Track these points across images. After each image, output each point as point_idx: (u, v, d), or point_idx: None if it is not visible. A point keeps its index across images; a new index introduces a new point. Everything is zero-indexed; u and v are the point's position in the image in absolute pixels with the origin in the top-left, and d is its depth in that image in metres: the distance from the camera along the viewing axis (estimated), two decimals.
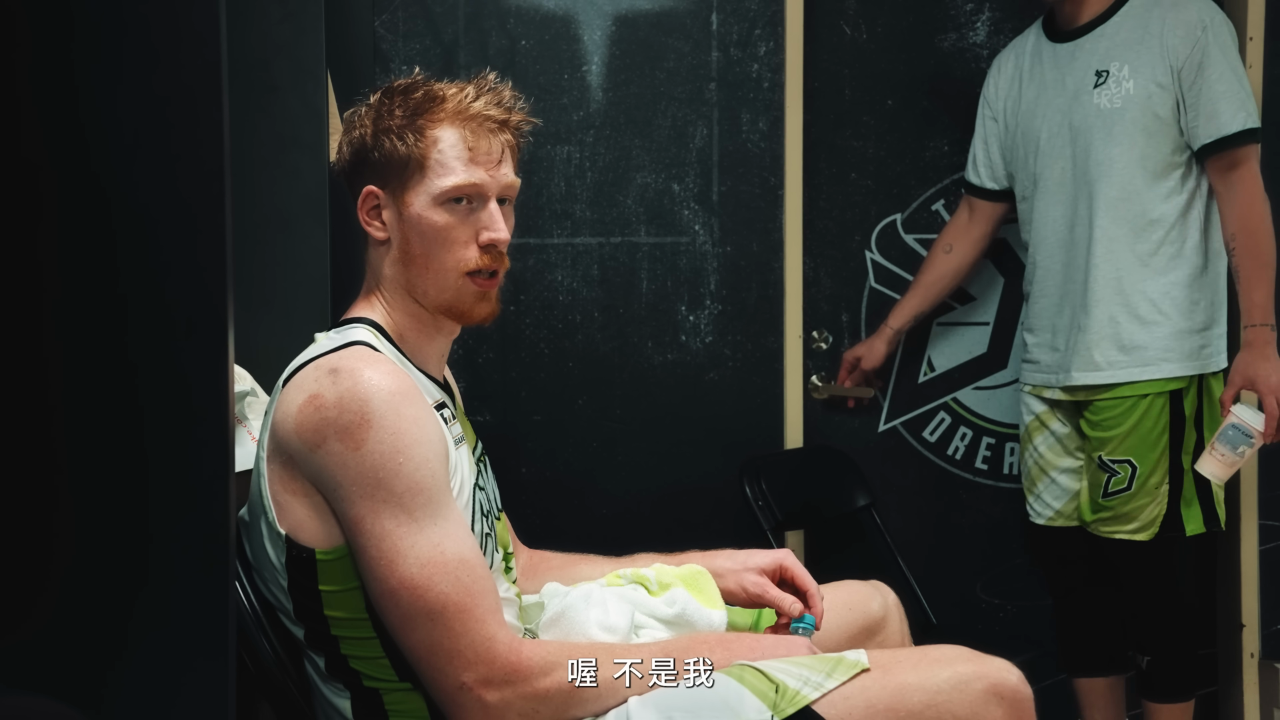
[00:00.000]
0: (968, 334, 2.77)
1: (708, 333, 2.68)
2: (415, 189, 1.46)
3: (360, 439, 1.33)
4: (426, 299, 1.49)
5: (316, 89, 1.86)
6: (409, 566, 1.33)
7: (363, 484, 1.33)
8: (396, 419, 1.34)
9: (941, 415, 2.78)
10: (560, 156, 2.64)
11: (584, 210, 2.65)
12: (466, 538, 1.37)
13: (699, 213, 2.67)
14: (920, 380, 2.78)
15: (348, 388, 1.34)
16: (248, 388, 1.76)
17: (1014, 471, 2.77)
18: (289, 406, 1.38)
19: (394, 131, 1.46)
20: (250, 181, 1.78)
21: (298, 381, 1.39)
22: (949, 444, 2.78)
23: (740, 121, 2.66)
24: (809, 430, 2.69)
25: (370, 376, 1.35)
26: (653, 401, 2.67)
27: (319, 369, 1.38)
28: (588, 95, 2.64)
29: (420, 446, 1.35)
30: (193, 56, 1.16)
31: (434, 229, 1.46)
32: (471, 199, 1.47)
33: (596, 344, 2.67)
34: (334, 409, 1.34)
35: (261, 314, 1.84)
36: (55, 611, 1.16)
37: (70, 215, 1.17)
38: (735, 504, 2.49)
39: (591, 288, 2.66)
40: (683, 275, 2.67)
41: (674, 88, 2.65)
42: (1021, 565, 2.74)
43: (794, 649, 1.45)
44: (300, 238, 1.86)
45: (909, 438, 2.78)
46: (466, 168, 1.46)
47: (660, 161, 2.65)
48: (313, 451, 1.35)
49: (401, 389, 1.36)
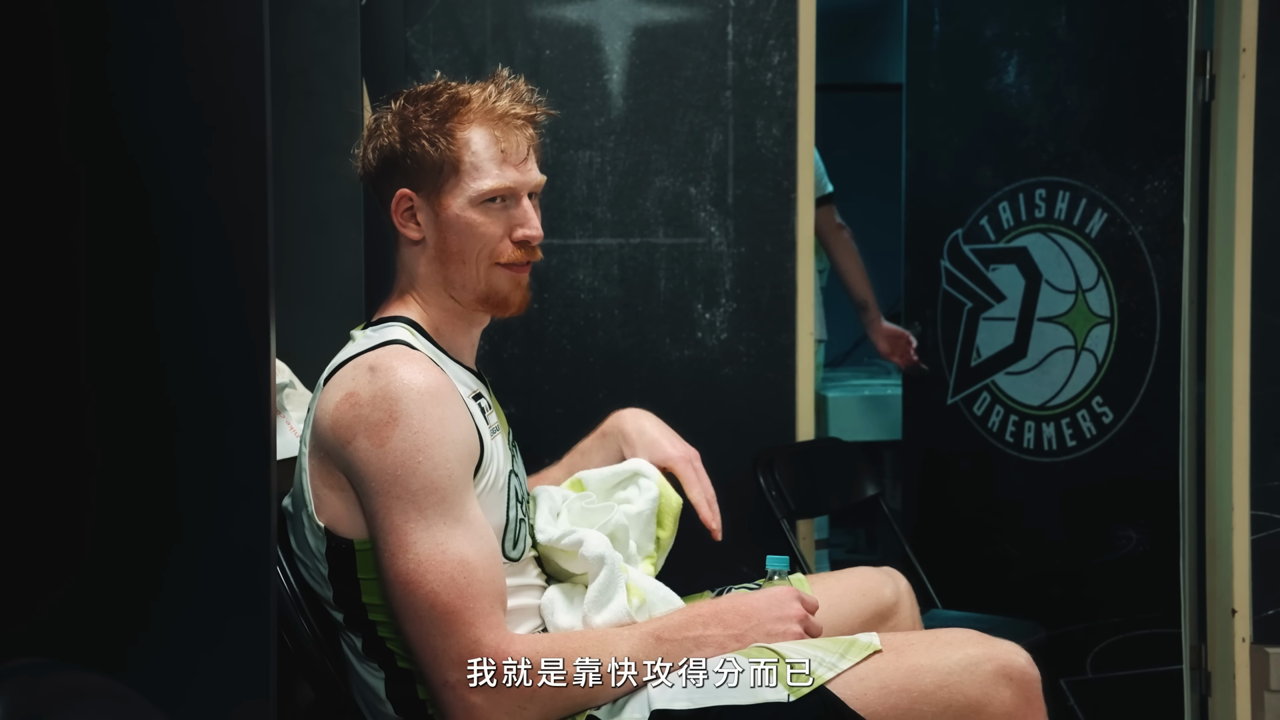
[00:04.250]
0: (1001, 328, 2.95)
1: (723, 330, 2.69)
2: (450, 191, 1.45)
3: (385, 436, 1.33)
4: (465, 292, 1.49)
5: (352, 96, 1.87)
6: (408, 561, 1.32)
7: (382, 479, 1.34)
8: (422, 418, 1.34)
9: (985, 395, 3.00)
10: (582, 161, 2.65)
11: (605, 212, 2.66)
12: (477, 539, 1.36)
13: (715, 215, 2.68)
14: (972, 364, 3.03)
15: (381, 386, 1.35)
16: (286, 380, 1.78)
17: (1030, 445, 2.91)
18: (328, 404, 1.38)
19: (424, 136, 1.45)
20: (288, 183, 1.78)
21: (337, 380, 1.40)
22: (989, 418, 2.99)
23: (755, 128, 2.66)
24: (825, 420, 2.68)
25: (404, 375, 1.35)
26: (670, 396, 2.67)
27: (358, 367, 1.39)
28: (609, 102, 2.64)
29: (441, 447, 1.34)
30: (237, 63, 1.16)
31: (471, 227, 1.45)
32: (505, 198, 1.46)
33: (616, 340, 2.67)
34: (367, 406, 1.34)
35: (299, 310, 1.85)
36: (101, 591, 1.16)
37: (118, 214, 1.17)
38: (750, 495, 2.49)
39: (612, 286, 2.67)
40: (699, 275, 2.67)
41: (691, 95, 2.65)
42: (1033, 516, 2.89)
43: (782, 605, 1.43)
44: (336, 237, 1.87)
45: (964, 411, 3.03)
46: (500, 169, 1.45)
47: (678, 166, 2.66)
48: (344, 447, 1.36)
49: (432, 388, 1.36)
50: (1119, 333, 2.75)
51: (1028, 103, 2.88)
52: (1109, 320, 2.77)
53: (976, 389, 2.97)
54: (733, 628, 1.39)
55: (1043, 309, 2.86)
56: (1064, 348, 2.84)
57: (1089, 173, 2.79)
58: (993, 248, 2.93)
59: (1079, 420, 2.82)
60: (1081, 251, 2.80)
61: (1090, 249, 2.79)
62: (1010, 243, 2.90)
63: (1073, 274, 2.83)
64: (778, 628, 1.40)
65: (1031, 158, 2.87)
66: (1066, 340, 2.84)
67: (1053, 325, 2.86)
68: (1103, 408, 2.78)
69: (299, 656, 1.46)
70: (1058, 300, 2.85)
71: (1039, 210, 2.86)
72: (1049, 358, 2.86)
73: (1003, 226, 2.92)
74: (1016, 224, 2.89)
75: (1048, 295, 2.85)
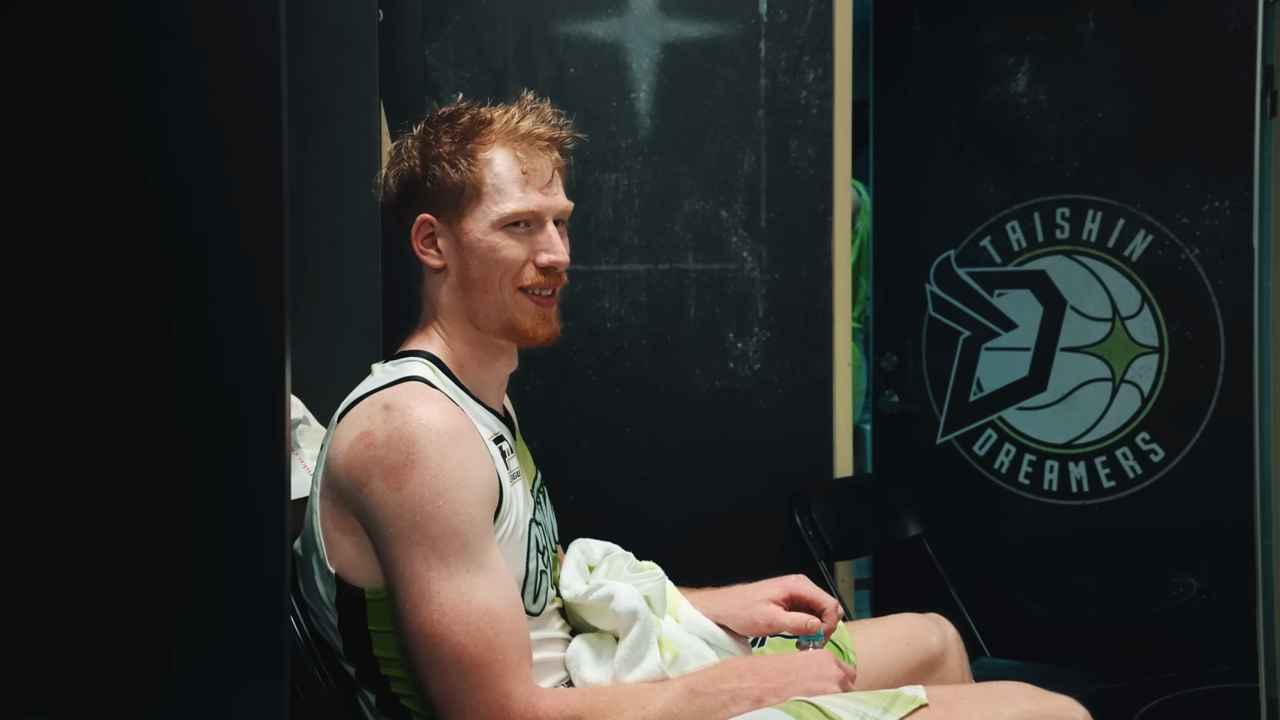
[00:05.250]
0: (1011, 359, 2.86)
1: (756, 360, 2.67)
2: (472, 215, 1.45)
3: (403, 479, 1.32)
4: (488, 322, 1.47)
5: (370, 117, 1.87)
6: (431, 612, 1.31)
7: (400, 524, 1.32)
8: (441, 461, 1.32)
9: (989, 432, 2.90)
10: (608, 183, 2.64)
11: (632, 237, 2.66)
12: (501, 588, 1.35)
13: (747, 239, 2.66)
14: (971, 399, 2.90)
15: (397, 426, 1.33)
16: (300, 415, 1.79)
17: (1053, 487, 2.82)
18: (341, 443, 1.37)
19: (444, 159, 1.45)
20: (304, 208, 1.78)
21: (351, 417, 1.39)
22: (995, 459, 2.89)
23: (788, 148, 2.66)
24: (864, 455, 2.66)
25: (421, 415, 1.34)
26: (700, 429, 2.67)
27: (373, 405, 1.38)
28: (635, 122, 2.64)
29: (461, 490, 1.33)
30: (255, 84, 1.16)
31: (493, 251, 1.45)
32: (529, 222, 1.46)
33: (644, 371, 2.67)
34: (382, 447, 1.33)
35: (314, 341, 1.85)
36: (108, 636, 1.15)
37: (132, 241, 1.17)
38: (784, 533, 2.49)
39: (639, 314, 2.66)
40: (731, 302, 2.66)
41: (722, 115, 2.65)
42: (1063, 574, 2.80)
43: (821, 665, 1.41)
44: (353, 265, 1.86)
45: (961, 451, 2.91)
46: (523, 192, 1.45)
47: (708, 188, 2.66)
48: (359, 489, 1.34)
49: (451, 429, 1.35)
50: (1169, 363, 2.70)
51: (1043, 114, 2.81)
52: (1156, 350, 2.72)
53: (977, 426, 2.89)
54: (770, 681, 1.37)
55: (1068, 338, 2.81)
56: (1097, 380, 2.80)
57: (1127, 191, 2.74)
58: (999, 271, 2.87)
59: (1119, 459, 2.77)
60: (1119, 276, 2.76)
61: (1131, 273, 2.75)
62: (1023, 266, 2.85)
63: (1108, 300, 2.78)
64: (816, 685, 1.38)
65: (1049, 173, 2.81)
66: (1100, 372, 2.79)
67: (1081, 356, 2.81)
68: (1150, 444, 2.73)
69: (311, 707, 1.44)
70: (1087, 329, 2.80)
71: (1061, 231, 2.81)
72: (1077, 391, 2.81)
73: (1012, 248, 2.86)
74: (1031, 245, 2.84)
75: (1074, 323, 2.80)
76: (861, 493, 2.62)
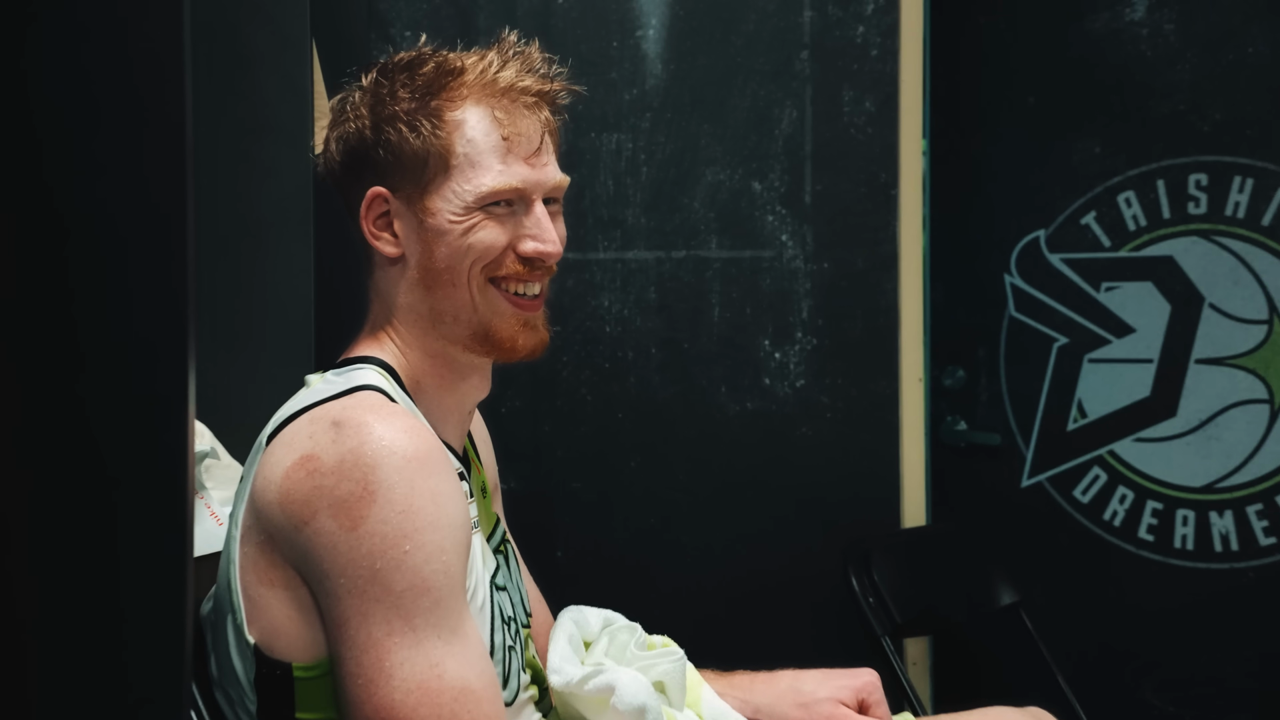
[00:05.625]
0: (1126, 373, 2.81)
1: (799, 375, 2.64)
2: (439, 192, 1.45)
3: (358, 515, 1.31)
4: (456, 327, 1.48)
5: (299, 62, 1.88)
6: (392, 691, 1.30)
7: (354, 575, 1.31)
8: (408, 493, 1.32)
9: (1096, 471, 2.84)
10: (607, 147, 2.63)
11: (638, 216, 2.64)
12: (479, 660, 1.35)
13: (786, 219, 2.64)
14: (1070, 427, 2.81)
15: (352, 448, 1.33)
16: (206, 447, 1.81)
17: (1187, 545, 2.77)
18: (273, 470, 1.36)
19: (402, 119, 1.45)
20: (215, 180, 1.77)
21: (287, 437, 1.38)
22: (1105, 506, 2.83)
23: (841, 101, 2.64)
24: (935, 501, 2.64)
25: (383, 434, 1.33)
26: (727, 464, 2.65)
27: (316, 421, 1.37)
28: (643, 68, 2.62)
29: (434, 532, 1.33)
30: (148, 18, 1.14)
31: (464, 238, 1.44)
32: (512, 202, 1.45)
33: (654, 389, 2.64)
34: (332, 474, 1.32)
35: (226, 351, 1.86)
36: None
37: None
38: (837, 602, 2.46)
39: (647, 316, 2.64)
40: (766, 300, 2.65)
41: (754, 58, 2.63)
42: (1204, 665, 2.73)
43: None
44: (278, 252, 1.87)
45: (1056, 496, 2.84)
46: (503, 163, 1.45)
47: (736, 153, 2.64)
48: (298, 529, 1.33)
49: (421, 453, 1.34)
50: None
51: (1170, 50, 2.80)
52: None
53: (1079, 463, 2.86)
54: None
55: (1206, 346, 2.78)
56: (1248, 402, 2.77)
57: None
58: (1108, 257, 2.84)
59: None
60: (1278, 263, 2.75)
61: None
62: (1141, 250, 2.83)
63: (1262, 295, 2.77)
64: None
65: (1179, 128, 2.80)
66: (1252, 391, 2.77)
67: (1226, 370, 2.78)
68: None
69: None
70: (1233, 334, 2.78)
71: (1195, 204, 2.79)
72: (1219, 417, 2.79)
73: (1126, 227, 2.84)
74: (1153, 223, 2.82)
75: (1215, 326, 2.77)
76: (939, 549, 2.61)
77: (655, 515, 2.66)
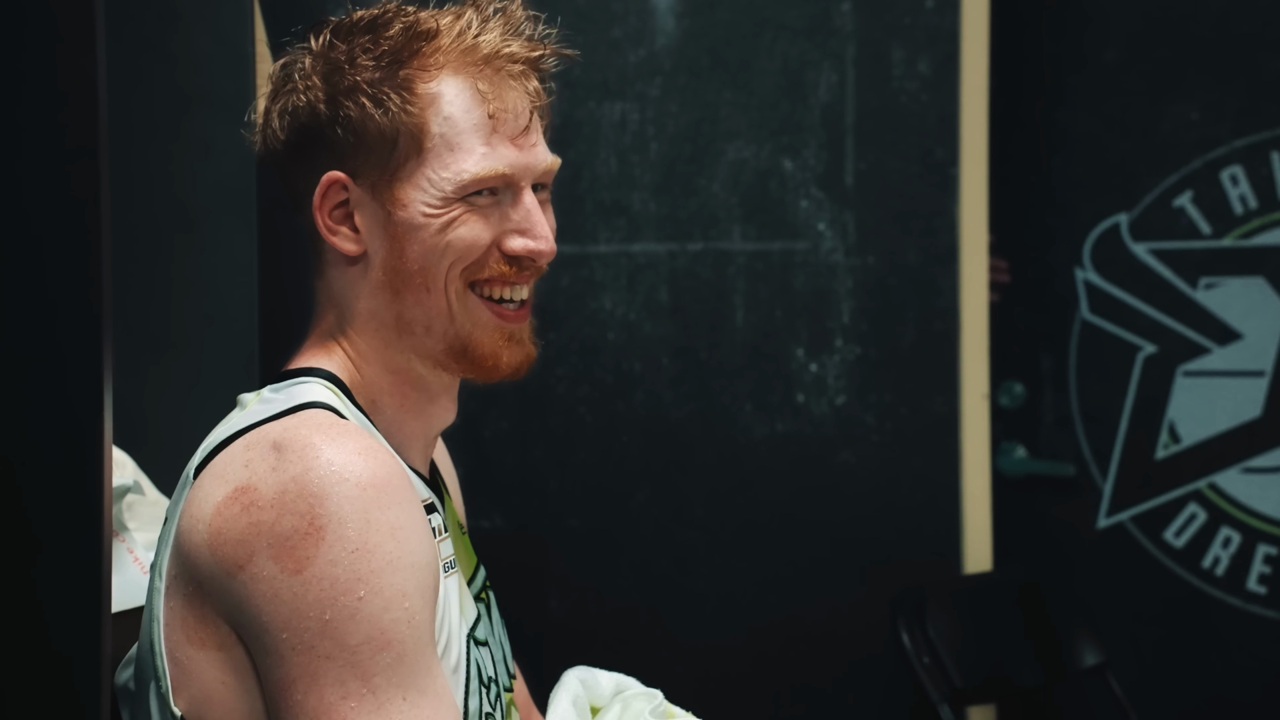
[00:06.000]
0: (1231, 388, 2.81)
1: (838, 390, 2.66)
2: (411, 179, 1.45)
3: (304, 557, 1.30)
4: (427, 339, 1.48)
5: (238, 19, 1.87)
6: None
7: (300, 628, 1.30)
8: (363, 529, 1.31)
9: (1192, 508, 2.82)
10: (610, 119, 2.64)
11: (646, 201, 2.65)
12: None
13: (824, 204, 2.65)
14: (1159, 455, 2.81)
15: (295, 475, 1.32)
16: (129, 481, 1.77)
17: None
18: (202, 506, 1.35)
19: (365, 91, 1.44)
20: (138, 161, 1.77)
21: (217, 468, 1.37)
22: (1204, 551, 2.81)
23: (890, 62, 2.66)
24: (1000, 539, 2.65)
25: (332, 458, 1.33)
26: (754, 497, 2.66)
27: (253, 446, 1.36)
28: (652, 23, 2.64)
29: (394, 574, 1.32)
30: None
31: (442, 235, 1.45)
32: (496, 190, 1.46)
33: (665, 407, 2.65)
34: (271, 508, 1.31)
35: (154, 365, 1.85)
36: None
37: None
38: (885, 661, 2.47)
39: (658, 321, 2.65)
40: (799, 301, 2.66)
41: (785, 10, 2.65)
42: None
43: None
44: (215, 246, 1.87)
45: (1142, 538, 2.82)
46: (487, 145, 1.45)
47: (764, 126, 2.65)
48: (233, 575, 1.32)
49: (378, 480, 1.34)
50: None
51: None
52: None
53: (1173, 499, 2.86)
54: None
55: None
56: None
57: None
58: (1209, 247, 2.85)
59: None
60: None
61: None
62: (1251, 239, 2.84)
63: None
64: None
65: None
66: None
67: None
68: None
69: None
70: None
71: None
72: None
73: (1232, 211, 2.84)
74: (1264, 206, 2.83)
75: None
76: (1008, 600, 2.60)
77: (668, 557, 2.67)
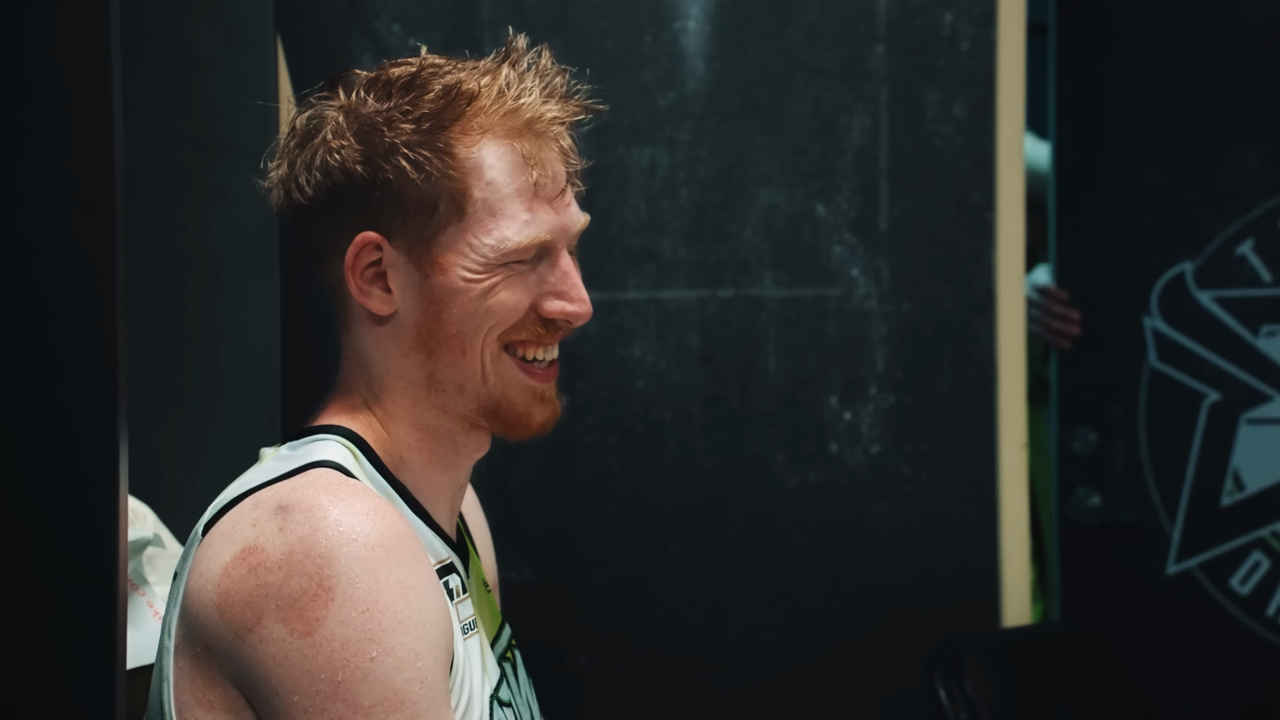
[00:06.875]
0: None
1: (873, 439, 2.65)
2: (449, 243, 1.45)
3: (314, 619, 1.31)
4: (460, 399, 1.49)
5: (261, 65, 1.88)
6: None
7: (311, 691, 1.31)
8: (372, 588, 1.32)
9: (1256, 556, 2.83)
10: (639, 164, 2.65)
11: (676, 247, 2.66)
12: None
13: (858, 249, 2.66)
14: (1224, 502, 2.83)
15: (302, 536, 1.33)
16: (148, 534, 1.76)
17: None
18: (210, 566, 1.36)
19: (404, 154, 1.44)
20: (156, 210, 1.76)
21: (226, 527, 1.37)
22: (1268, 599, 2.82)
23: (924, 105, 2.67)
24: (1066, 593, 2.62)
25: (339, 518, 1.34)
26: (786, 548, 2.67)
27: (261, 505, 1.37)
28: (682, 67, 2.65)
29: (405, 633, 1.33)
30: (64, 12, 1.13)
31: (483, 300, 1.45)
32: (540, 255, 1.47)
33: (697, 458, 2.66)
34: (279, 569, 1.32)
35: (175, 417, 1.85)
36: None
37: None
38: (922, 715, 2.46)
39: (688, 369, 2.65)
40: (833, 348, 2.66)
41: (818, 53, 2.66)
42: None
43: None
44: (236, 296, 1.88)
45: (1209, 586, 2.81)
46: (531, 209, 1.45)
47: (796, 170, 2.66)
48: (241, 637, 1.33)
49: (386, 540, 1.35)
50: None
51: None
52: None
53: (1236, 546, 2.85)
54: None
55: None
56: None
57: None
58: (1270, 295, 2.85)
59: None
60: None
61: None
62: None
63: None
64: None
65: None
66: None
67: None
68: None
69: None
70: None
71: None
72: None
73: None
74: None
75: None
76: (1052, 654, 2.60)
77: (698, 611, 2.67)
